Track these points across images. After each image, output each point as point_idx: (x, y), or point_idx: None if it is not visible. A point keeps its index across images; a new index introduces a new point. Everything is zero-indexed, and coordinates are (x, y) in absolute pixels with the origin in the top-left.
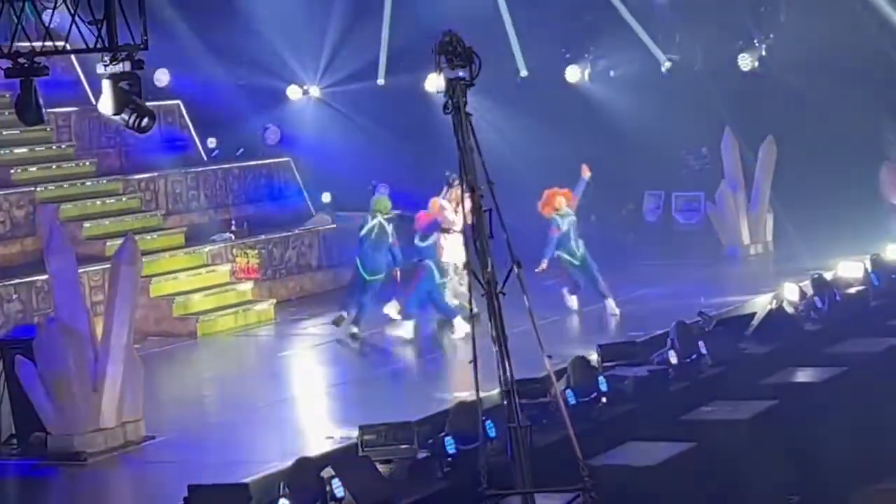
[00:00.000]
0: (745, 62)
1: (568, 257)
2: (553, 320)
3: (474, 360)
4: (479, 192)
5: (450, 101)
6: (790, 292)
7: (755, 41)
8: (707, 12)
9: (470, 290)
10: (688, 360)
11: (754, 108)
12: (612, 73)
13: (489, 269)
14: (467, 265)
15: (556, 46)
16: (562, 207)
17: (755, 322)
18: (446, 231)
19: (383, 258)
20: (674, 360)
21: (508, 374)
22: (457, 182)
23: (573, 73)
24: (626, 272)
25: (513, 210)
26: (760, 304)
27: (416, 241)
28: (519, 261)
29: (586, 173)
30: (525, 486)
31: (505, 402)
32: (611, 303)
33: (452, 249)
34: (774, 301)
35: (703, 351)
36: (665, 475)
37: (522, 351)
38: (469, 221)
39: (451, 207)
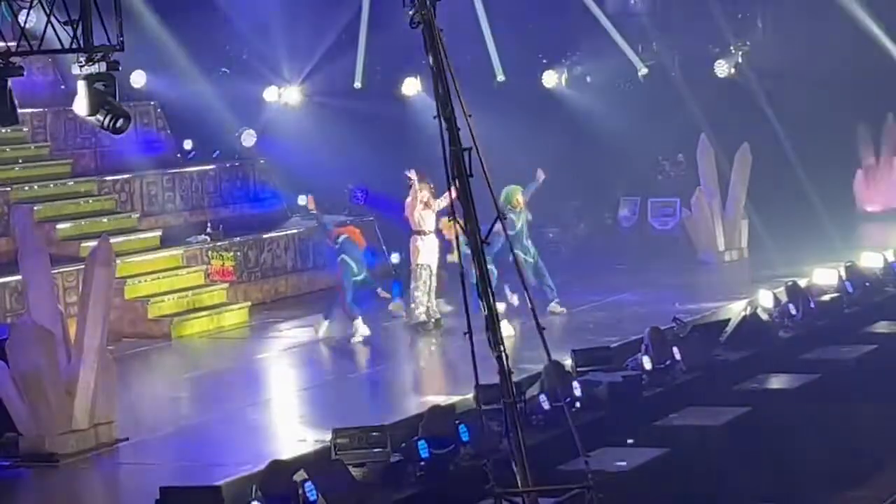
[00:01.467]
0: (722, 69)
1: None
2: (528, 324)
3: (469, 333)
4: (456, 127)
5: (417, 13)
6: (765, 299)
7: (732, 48)
8: (684, 20)
9: (479, 253)
10: (661, 365)
11: (730, 115)
12: (588, 79)
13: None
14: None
15: (533, 51)
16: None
17: (729, 328)
18: (419, 233)
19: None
20: (648, 365)
21: (502, 348)
22: (417, 179)
23: (550, 79)
24: (600, 277)
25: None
26: (735, 310)
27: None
28: (503, 212)
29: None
30: (528, 483)
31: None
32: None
33: (428, 252)
34: (749, 308)
35: (677, 357)
36: (638, 480)
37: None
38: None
39: (418, 209)
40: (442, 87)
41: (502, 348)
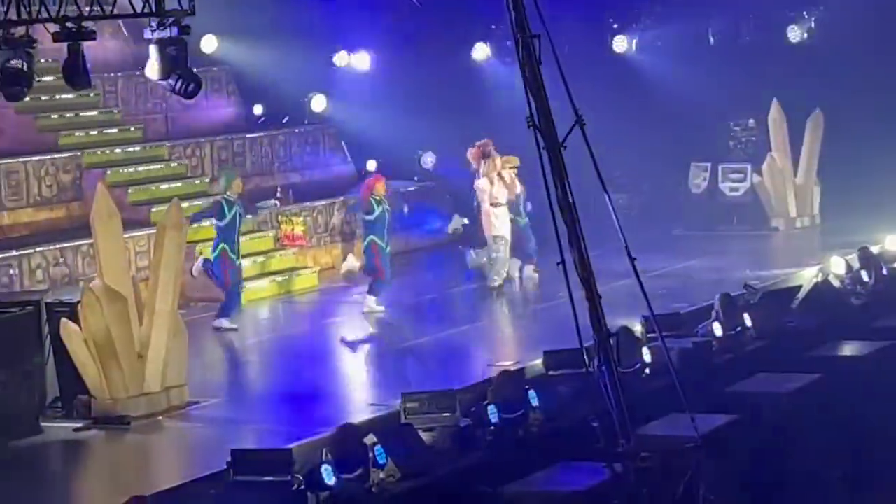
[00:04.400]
0: (795, 34)
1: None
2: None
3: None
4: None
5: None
6: (836, 265)
7: (804, 13)
8: None
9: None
10: (732, 332)
11: (802, 80)
12: (659, 44)
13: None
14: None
15: (602, 16)
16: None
17: (801, 295)
18: (493, 205)
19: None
20: (718, 332)
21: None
22: (494, 151)
23: (620, 43)
24: (670, 243)
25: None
26: (806, 277)
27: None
28: (581, 116)
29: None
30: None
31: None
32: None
33: (501, 223)
34: (820, 274)
35: (748, 323)
36: (708, 447)
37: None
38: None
39: (494, 180)
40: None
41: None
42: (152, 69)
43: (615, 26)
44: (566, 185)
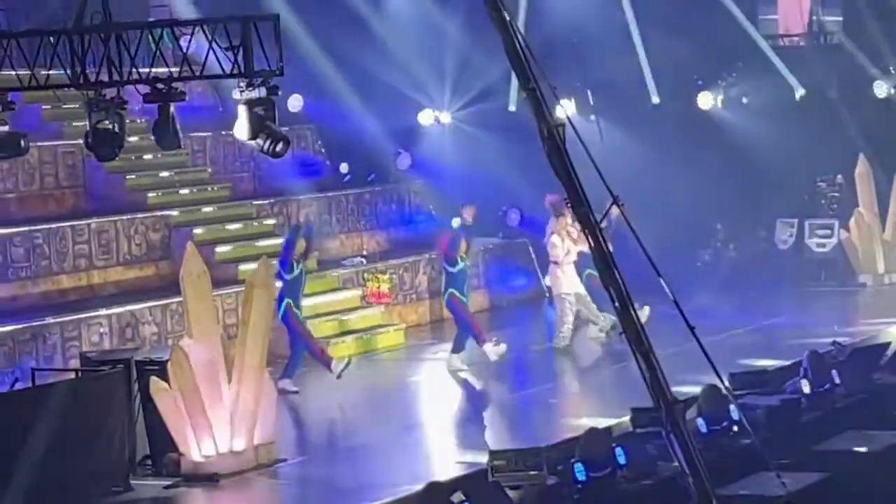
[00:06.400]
0: (881, 89)
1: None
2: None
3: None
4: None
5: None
6: None
7: (891, 68)
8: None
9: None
10: (820, 389)
11: (889, 135)
12: (744, 100)
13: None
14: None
15: (688, 73)
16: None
17: (889, 352)
18: (559, 263)
19: None
20: (806, 389)
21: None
22: (565, 210)
23: (706, 100)
24: (757, 299)
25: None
26: (895, 333)
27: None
28: (618, 197)
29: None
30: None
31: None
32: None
33: (568, 281)
34: None
35: (837, 380)
36: None
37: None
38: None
39: (564, 238)
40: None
41: (649, 347)
42: (241, 129)
43: (700, 83)
44: (610, 261)
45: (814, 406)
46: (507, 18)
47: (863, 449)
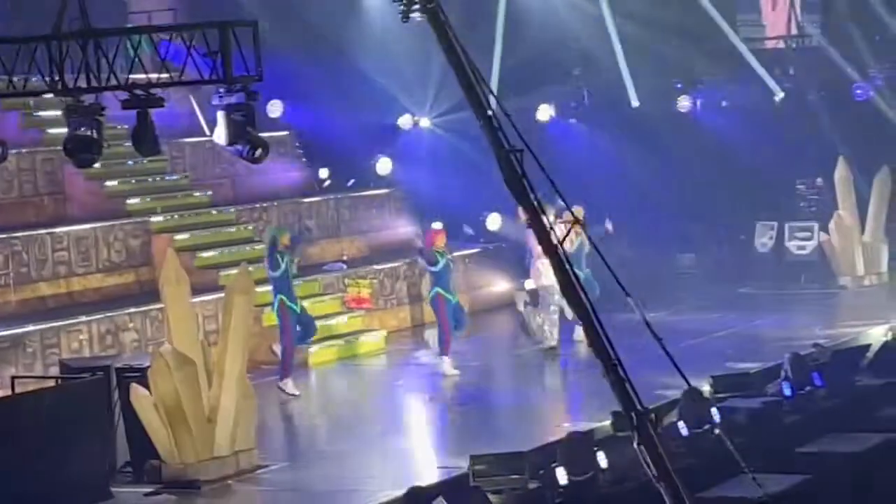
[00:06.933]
0: (860, 92)
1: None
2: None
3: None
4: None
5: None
6: None
7: (871, 71)
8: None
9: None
10: (802, 391)
11: (869, 138)
12: (724, 104)
13: None
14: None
15: (667, 76)
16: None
17: (870, 354)
18: (541, 257)
19: None
20: (788, 391)
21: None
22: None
23: (685, 103)
24: (738, 302)
25: (624, 241)
26: (875, 335)
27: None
28: (578, 218)
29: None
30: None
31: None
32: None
33: (549, 273)
34: (890, 333)
35: (818, 383)
36: None
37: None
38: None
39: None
40: (475, 81)
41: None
42: (220, 135)
43: (679, 86)
44: (572, 276)
45: (795, 408)
46: (460, 51)
47: (844, 451)
